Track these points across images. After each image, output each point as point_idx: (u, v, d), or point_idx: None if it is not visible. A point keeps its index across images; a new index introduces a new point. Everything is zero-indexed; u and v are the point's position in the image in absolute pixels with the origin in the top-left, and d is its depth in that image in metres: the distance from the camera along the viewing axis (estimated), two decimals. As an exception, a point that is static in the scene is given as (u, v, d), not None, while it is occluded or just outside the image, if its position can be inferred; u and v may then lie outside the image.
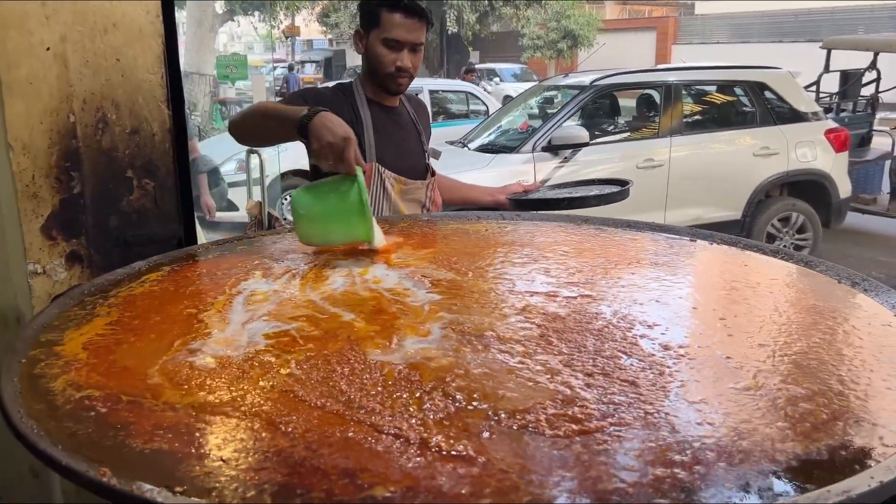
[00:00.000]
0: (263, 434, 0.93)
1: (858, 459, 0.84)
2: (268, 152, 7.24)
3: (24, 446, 0.89)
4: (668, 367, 1.09)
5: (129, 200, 1.85)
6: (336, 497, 0.79)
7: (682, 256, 1.71)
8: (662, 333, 1.22)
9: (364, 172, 1.64)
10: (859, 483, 0.79)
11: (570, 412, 0.96)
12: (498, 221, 2.03)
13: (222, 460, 0.86)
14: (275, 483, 0.82)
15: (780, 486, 0.78)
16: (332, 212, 1.65)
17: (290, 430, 0.93)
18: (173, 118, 1.87)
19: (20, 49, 1.67)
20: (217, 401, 1.01)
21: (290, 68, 24.98)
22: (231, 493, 0.79)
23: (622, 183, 2.56)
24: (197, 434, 0.93)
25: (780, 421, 0.90)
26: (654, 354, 1.14)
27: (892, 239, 7.88)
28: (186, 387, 1.05)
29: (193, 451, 0.89)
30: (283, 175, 7.94)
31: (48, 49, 1.69)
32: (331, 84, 2.57)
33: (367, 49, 2.25)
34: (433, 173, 2.46)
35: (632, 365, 1.10)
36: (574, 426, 0.93)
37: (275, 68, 27.73)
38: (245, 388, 1.04)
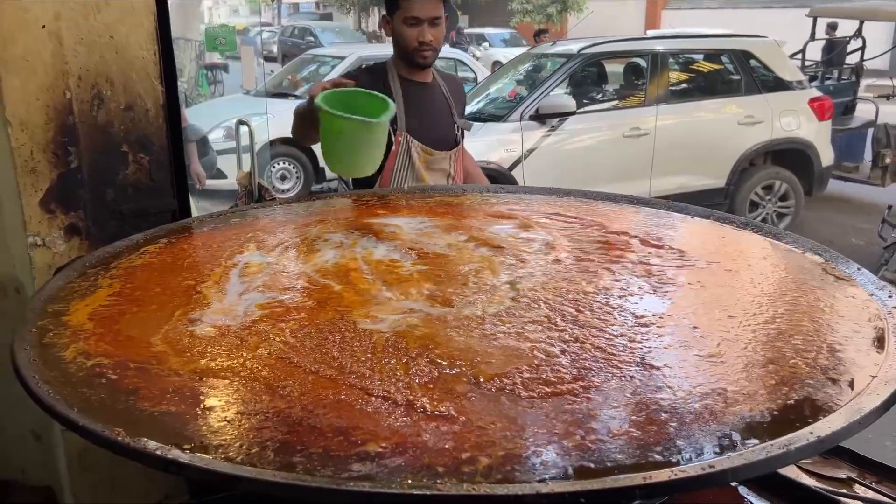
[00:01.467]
0: (263, 397, 1.01)
1: (801, 419, 0.93)
2: (256, 120, 7.24)
3: (43, 410, 0.97)
4: (639, 335, 1.18)
5: (124, 174, 1.91)
6: (333, 452, 0.87)
7: (661, 228, 1.79)
8: (636, 303, 1.31)
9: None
10: (800, 437, 0.88)
11: (543, 376, 1.05)
12: (482, 194, 2.10)
13: (226, 420, 0.95)
14: (276, 440, 0.90)
15: (725, 443, 0.87)
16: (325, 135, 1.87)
17: (287, 393, 1.02)
18: (166, 94, 1.92)
19: (15, 26, 1.71)
20: (218, 367, 1.09)
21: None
22: (236, 450, 0.88)
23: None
24: (201, 397, 1.01)
25: (733, 386, 0.99)
26: (626, 323, 1.22)
27: (873, 206, 7.99)
28: (189, 354, 1.13)
29: (199, 412, 0.97)
30: (272, 143, 7.94)
31: (43, 27, 1.74)
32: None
33: (392, 31, 2.44)
34: (460, 144, 2.58)
35: (605, 333, 1.18)
36: (546, 388, 1.02)
37: (262, 32, 27.39)
38: (244, 354, 1.12)
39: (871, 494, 1.60)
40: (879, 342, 1.14)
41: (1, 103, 1.73)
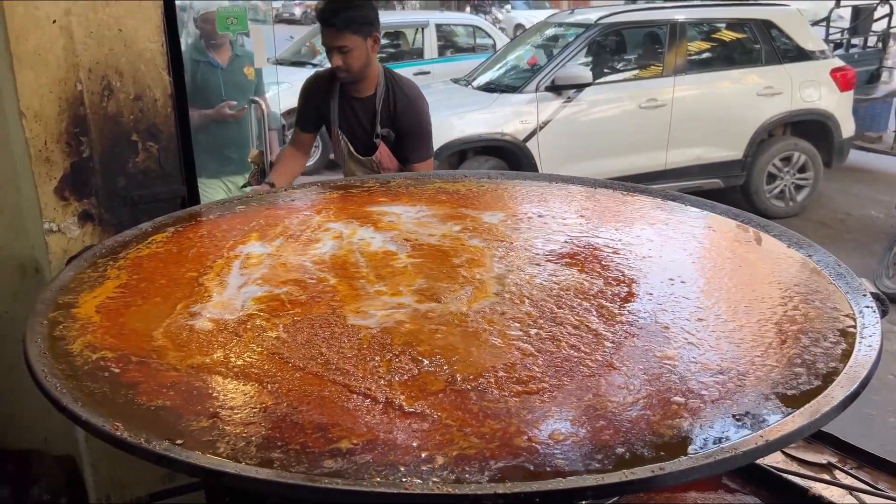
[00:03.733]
0: (252, 392, 1.08)
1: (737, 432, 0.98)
2: (272, 87, 7.29)
3: (50, 402, 1.05)
4: (610, 334, 1.23)
5: (135, 162, 1.98)
6: (309, 449, 0.95)
7: (650, 219, 1.83)
8: (613, 301, 1.36)
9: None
10: (750, 441, 0.94)
11: (517, 375, 1.11)
12: (479, 180, 2.15)
13: (217, 416, 1.02)
14: (260, 436, 0.98)
15: (657, 453, 0.92)
16: None
17: (275, 388, 1.09)
18: (174, 84, 1.98)
19: (27, 22, 1.77)
20: (213, 362, 1.16)
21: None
22: (223, 445, 0.95)
23: None
24: (195, 392, 1.08)
25: (678, 396, 1.04)
26: (601, 321, 1.28)
27: (894, 177, 7.91)
28: (187, 348, 1.20)
29: (192, 407, 1.04)
30: (289, 112, 7.99)
31: (54, 21, 1.80)
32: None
33: None
34: (377, 152, 2.91)
35: (580, 331, 1.24)
36: (518, 387, 1.08)
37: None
38: (238, 350, 1.20)
39: (849, 480, 1.66)
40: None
41: (15, 96, 1.80)
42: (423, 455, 0.92)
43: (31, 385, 1.15)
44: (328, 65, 2.90)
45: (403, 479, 0.87)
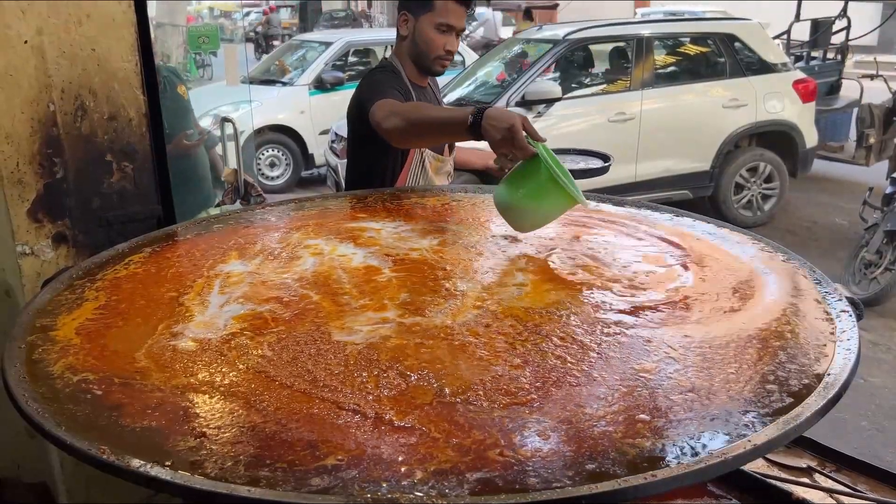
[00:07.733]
0: (240, 411, 1.07)
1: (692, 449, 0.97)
2: (244, 106, 7.27)
3: (32, 427, 1.03)
4: (595, 345, 1.24)
5: (109, 183, 1.96)
6: (297, 467, 0.94)
7: (630, 230, 1.85)
8: (598, 311, 1.37)
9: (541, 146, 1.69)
10: (738, 446, 0.95)
11: (505, 387, 1.11)
12: (455, 194, 2.16)
13: (204, 436, 1.01)
14: (248, 455, 0.97)
15: (630, 468, 0.93)
16: (532, 195, 1.69)
17: (262, 407, 1.08)
18: (149, 103, 1.97)
19: (-1, 42, 1.75)
20: (198, 382, 1.15)
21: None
22: (211, 466, 0.94)
23: (604, 158, 2.58)
24: (181, 413, 1.07)
25: (644, 413, 1.04)
26: (588, 333, 1.29)
27: (858, 185, 8.07)
28: (171, 369, 1.19)
29: (178, 428, 1.03)
30: (261, 130, 7.97)
31: (25, 42, 1.78)
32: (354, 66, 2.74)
33: (415, 32, 2.31)
34: (453, 145, 2.56)
35: (565, 343, 1.25)
36: (506, 399, 1.08)
37: (248, 13, 27.19)
38: (223, 369, 1.18)
39: (829, 483, 1.69)
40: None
41: (-14, 117, 1.78)
42: (405, 469, 0.92)
43: (1, 411, 1.13)
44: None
45: (396, 494, 0.87)
